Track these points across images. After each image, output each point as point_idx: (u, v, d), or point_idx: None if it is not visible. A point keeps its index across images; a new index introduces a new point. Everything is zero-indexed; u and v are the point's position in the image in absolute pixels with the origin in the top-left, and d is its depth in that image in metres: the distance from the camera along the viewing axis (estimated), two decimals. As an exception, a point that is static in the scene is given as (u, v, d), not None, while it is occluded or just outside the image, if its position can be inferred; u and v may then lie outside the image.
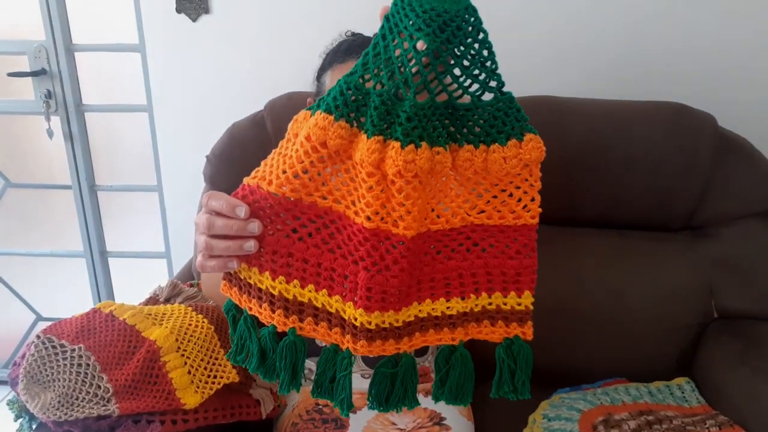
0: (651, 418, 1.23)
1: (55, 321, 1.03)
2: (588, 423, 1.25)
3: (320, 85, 1.13)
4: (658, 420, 1.23)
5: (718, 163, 1.43)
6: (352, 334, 0.64)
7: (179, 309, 1.09)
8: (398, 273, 0.62)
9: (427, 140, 0.59)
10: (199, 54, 1.69)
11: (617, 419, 1.24)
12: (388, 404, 0.69)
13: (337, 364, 0.67)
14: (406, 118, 0.58)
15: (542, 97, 1.49)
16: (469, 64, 0.60)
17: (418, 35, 0.56)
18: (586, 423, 1.25)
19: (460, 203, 0.64)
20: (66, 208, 2.00)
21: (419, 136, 0.58)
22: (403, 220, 0.60)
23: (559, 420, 1.27)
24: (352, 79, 0.60)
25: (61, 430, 0.93)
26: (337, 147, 0.60)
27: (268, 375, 0.68)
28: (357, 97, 0.59)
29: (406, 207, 0.59)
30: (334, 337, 0.66)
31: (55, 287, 2.16)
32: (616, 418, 1.25)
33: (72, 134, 1.88)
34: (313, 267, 0.65)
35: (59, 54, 1.78)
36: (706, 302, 1.43)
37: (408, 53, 0.58)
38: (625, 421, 1.23)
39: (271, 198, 0.64)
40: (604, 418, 1.25)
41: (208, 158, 1.52)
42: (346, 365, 0.66)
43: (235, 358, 0.70)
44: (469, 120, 0.62)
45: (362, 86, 0.59)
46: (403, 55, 0.58)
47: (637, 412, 1.27)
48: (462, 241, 0.66)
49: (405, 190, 0.59)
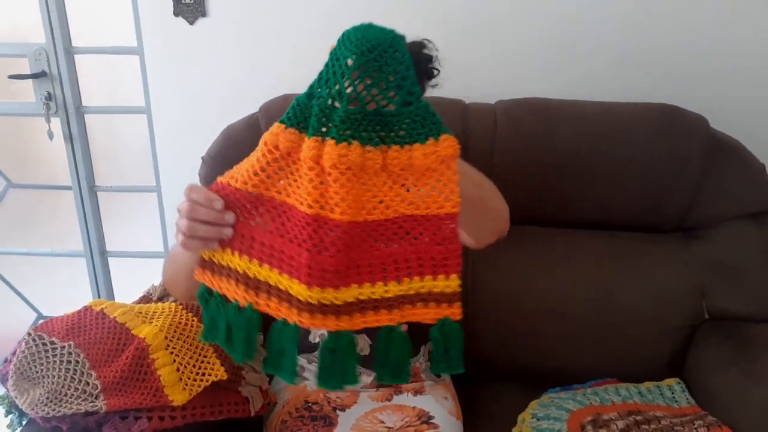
0: (639, 418, 1.24)
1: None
2: (576, 423, 1.25)
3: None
4: (646, 420, 1.23)
5: (710, 165, 1.43)
6: (297, 308, 0.75)
7: (169, 307, 1.11)
8: (335, 254, 0.72)
9: (359, 140, 0.71)
10: (196, 56, 1.71)
11: (606, 419, 1.25)
12: (330, 379, 0.78)
13: (284, 337, 0.77)
14: (340, 121, 0.70)
15: (534, 99, 1.50)
16: (393, 78, 0.71)
17: (348, 54, 0.70)
18: (574, 423, 1.25)
19: (392, 197, 0.74)
20: (66, 209, 2.03)
21: (351, 136, 0.70)
22: (339, 207, 0.71)
23: (548, 419, 1.27)
24: (301, 97, 0.73)
25: (49, 425, 0.95)
26: (288, 149, 0.73)
27: (231, 348, 0.80)
28: (304, 110, 0.73)
29: (340, 195, 0.70)
30: (284, 312, 0.77)
31: (56, 286, 2.18)
32: (604, 418, 1.25)
33: (72, 135, 1.90)
34: (268, 249, 0.77)
35: (59, 56, 1.81)
36: (698, 303, 1.43)
37: (341, 70, 0.71)
38: (613, 421, 1.24)
39: (238, 192, 0.79)
40: (592, 418, 1.25)
41: (204, 159, 1.53)
42: (292, 338, 0.76)
43: (206, 336, 0.82)
44: (395, 125, 0.73)
45: (308, 101, 0.73)
46: (338, 72, 0.71)
47: (626, 412, 1.28)
48: (396, 230, 0.76)
49: (340, 180, 0.70)
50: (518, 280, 1.46)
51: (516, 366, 1.48)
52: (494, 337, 1.46)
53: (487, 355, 1.45)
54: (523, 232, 1.52)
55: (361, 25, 0.72)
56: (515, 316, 1.45)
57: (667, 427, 1.21)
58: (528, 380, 1.45)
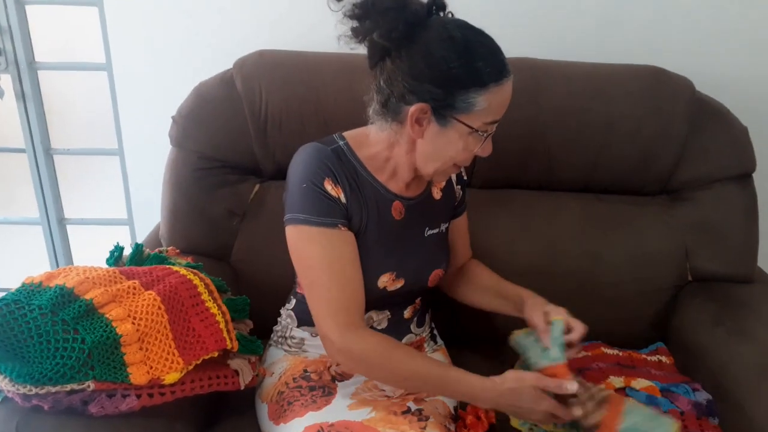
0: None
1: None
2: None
3: (455, 98, 0.94)
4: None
5: (695, 127, 1.43)
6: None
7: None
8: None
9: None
10: (162, 8, 1.59)
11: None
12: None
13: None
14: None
15: (520, 59, 1.46)
16: None
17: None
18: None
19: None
20: (19, 173, 1.89)
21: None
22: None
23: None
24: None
25: (28, 404, 0.88)
26: None
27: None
28: None
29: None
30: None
31: (10, 256, 2.06)
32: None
33: (24, 94, 1.76)
34: None
35: (8, 7, 1.66)
36: (681, 265, 1.45)
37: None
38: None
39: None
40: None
41: (174, 119, 1.44)
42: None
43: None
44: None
45: None
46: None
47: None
48: None
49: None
50: (504, 243, 1.44)
51: (499, 327, 1.45)
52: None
53: (474, 318, 1.43)
54: (509, 196, 1.50)
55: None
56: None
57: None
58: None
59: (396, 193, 1.11)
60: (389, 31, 0.94)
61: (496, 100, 0.95)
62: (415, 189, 1.14)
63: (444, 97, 0.94)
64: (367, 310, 1.15)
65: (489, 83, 0.93)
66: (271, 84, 1.39)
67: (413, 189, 1.14)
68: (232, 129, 1.41)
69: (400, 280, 1.12)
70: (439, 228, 1.19)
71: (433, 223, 1.18)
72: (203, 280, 1.11)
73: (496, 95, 0.95)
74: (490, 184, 1.50)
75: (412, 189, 1.14)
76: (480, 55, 0.93)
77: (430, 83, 0.94)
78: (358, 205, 1.06)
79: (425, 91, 0.94)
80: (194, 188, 1.42)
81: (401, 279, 1.12)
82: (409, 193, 1.13)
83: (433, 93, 0.94)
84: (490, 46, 0.96)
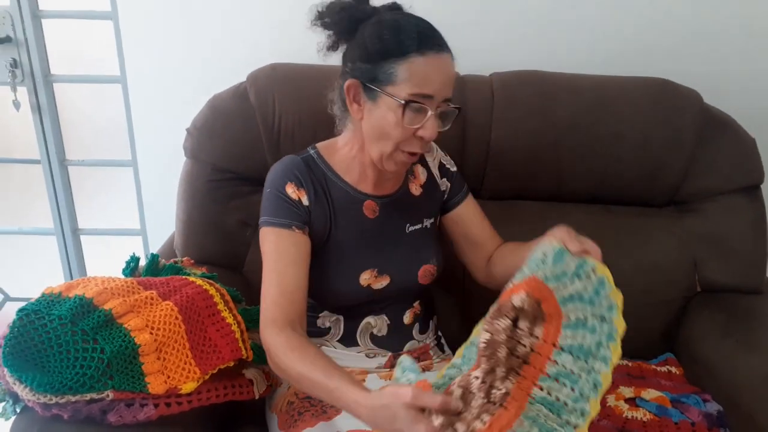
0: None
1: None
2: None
3: (378, 70, 1.00)
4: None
5: (703, 139, 1.44)
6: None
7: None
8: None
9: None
10: (176, 22, 1.62)
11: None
12: None
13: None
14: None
15: (529, 72, 1.48)
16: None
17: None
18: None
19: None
20: (35, 184, 1.92)
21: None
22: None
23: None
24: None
25: (48, 413, 0.89)
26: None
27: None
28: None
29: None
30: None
31: (24, 266, 2.09)
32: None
33: (40, 106, 1.79)
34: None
35: (25, 20, 1.69)
36: (690, 276, 1.45)
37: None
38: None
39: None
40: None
41: (189, 131, 1.46)
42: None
43: None
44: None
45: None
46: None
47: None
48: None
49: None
50: (514, 254, 1.45)
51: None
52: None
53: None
54: (518, 207, 1.51)
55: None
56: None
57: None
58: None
59: (367, 193, 1.16)
60: (336, 25, 1.06)
61: (420, 71, 0.98)
62: (390, 187, 1.19)
63: (370, 70, 1.01)
64: (364, 315, 1.18)
65: (409, 53, 0.97)
66: (283, 96, 1.41)
67: (388, 187, 1.18)
68: (246, 141, 1.43)
69: (384, 277, 1.15)
70: (422, 223, 1.22)
71: (414, 219, 1.21)
72: (219, 290, 1.13)
73: (418, 66, 0.98)
74: (499, 195, 1.51)
75: (387, 187, 1.18)
76: (405, 30, 0.99)
77: (360, 60, 1.02)
78: (323, 208, 1.12)
79: (356, 69, 1.03)
80: (208, 199, 1.44)
81: (385, 275, 1.15)
82: (382, 192, 1.17)
83: (362, 69, 1.02)
84: (421, 24, 1.01)
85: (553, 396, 0.81)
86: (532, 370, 0.83)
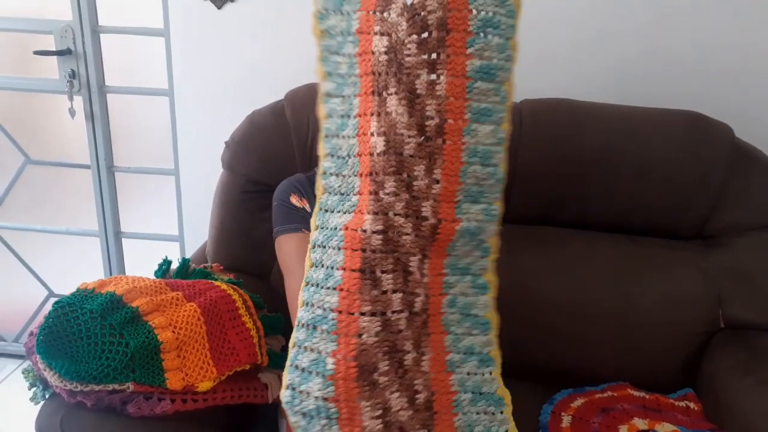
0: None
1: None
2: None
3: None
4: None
5: (733, 174, 1.43)
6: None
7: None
8: None
9: None
10: (222, 41, 1.71)
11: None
12: None
13: None
14: None
15: (560, 100, 1.50)
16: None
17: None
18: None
19: None
20: (83, 188, 2.03)
21: None
22: None
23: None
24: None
25: (73, 400, 0.95)
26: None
27: None
28: None
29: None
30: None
31: (69, 265, 2.19)
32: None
33: (93, 114, 1.90)
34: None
35: (85, 35, 1.81)
36: (714, 311, 1.43)
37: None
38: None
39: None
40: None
41: (227, 144, 1.54)
42: None
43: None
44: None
45: None
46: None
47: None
48: None
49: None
50: (535, 279, 1.46)
51: (527, 365, 1.47)
52: (507, 334, 1.44)
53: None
54: (542, 233, 1.52)
55: None
56: (530, 315, 1.44)
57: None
58: (539, 379, 1.45)
59: None
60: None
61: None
62: None
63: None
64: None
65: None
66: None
67: None
68: (280, 156, 1.49)
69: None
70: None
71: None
72: (242, 296, 1.18)
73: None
74: (525, 219, 1.52)
75: None
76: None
77: None
78: None
79: None
80: (241, 209, 1.51)
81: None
82: None
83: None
84: None
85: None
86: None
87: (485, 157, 0.89)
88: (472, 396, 0.95)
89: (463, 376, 0.95)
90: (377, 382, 0.87)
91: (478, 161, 0.89)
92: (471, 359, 0.97)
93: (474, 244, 0.94)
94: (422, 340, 0.91)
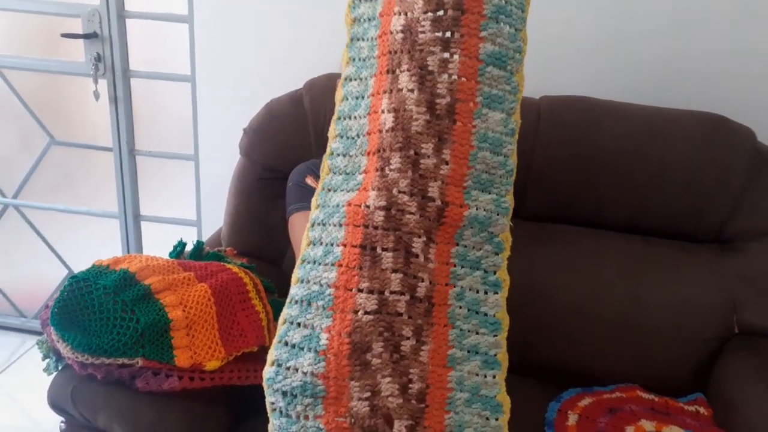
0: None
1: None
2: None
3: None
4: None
5: (754, 179, 1.41)
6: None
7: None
8: None
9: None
10: (244, 30, 1.73)
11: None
12: None
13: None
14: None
15: (579, 98, 1.49)
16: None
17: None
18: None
19: None
20: (105, 170, 2.06)
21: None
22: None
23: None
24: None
25: (84, 372, 0.98)
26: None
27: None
28: None
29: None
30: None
31: (88, 245, 2.23)
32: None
33: (117, 98, 1.93)
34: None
35: (111, 19, 1.84)
36: (728, 317, 1.41)
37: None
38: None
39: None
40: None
41: (245, 131, 1.55)
42: None
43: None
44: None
45: None
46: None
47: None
48: None
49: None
50: (546, 277, 1.45)
51: (536, 362, 1.47)
52: (516, 332, 1.44)
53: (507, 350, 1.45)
54: (555, 231, 1.51)
55: None
56: (539, 314, 1.44)
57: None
58: (546, 378, 1.45)
59: None
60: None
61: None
62: None
63: None
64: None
65: None
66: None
67: None
68: (296, 144, 1.50)
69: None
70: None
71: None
72: (253, 279, 1.20)
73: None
74: (539, 216, 1.52)
75: None
76: None
77: None
78: None
79: None
80: (256, 196, 1.52)
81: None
82: None
83: None
84: None
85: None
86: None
87: (495, 144, 0.89)
88: (468, 396, 0.92)
89: (463, 374, 0.92)
90: (369, 362, 0.85)
91: (488, 147, 0.89)
92: (474, 359, 0.94)
93: (484, 236, 0.93)
94: (424, 329, 0.89)
